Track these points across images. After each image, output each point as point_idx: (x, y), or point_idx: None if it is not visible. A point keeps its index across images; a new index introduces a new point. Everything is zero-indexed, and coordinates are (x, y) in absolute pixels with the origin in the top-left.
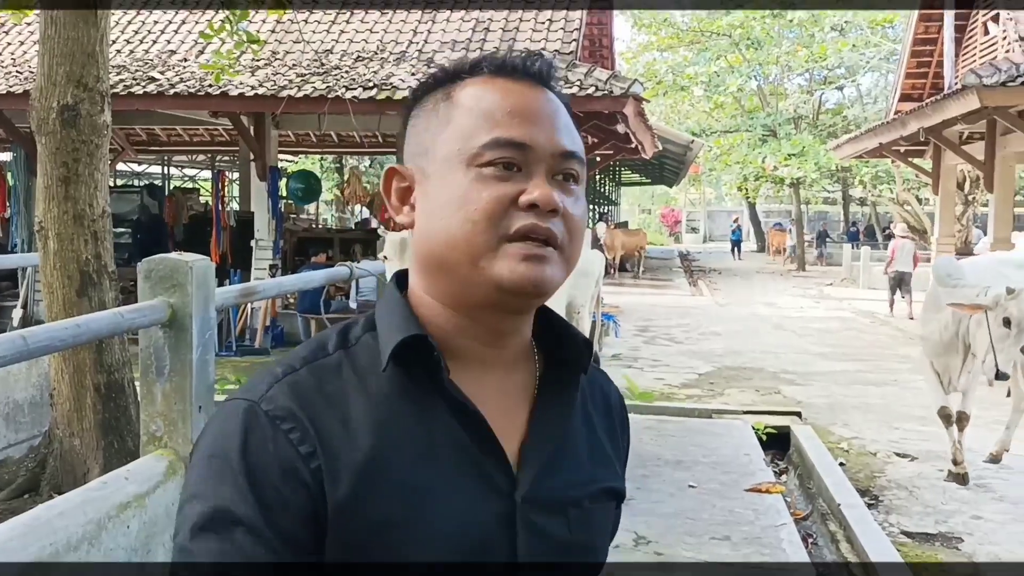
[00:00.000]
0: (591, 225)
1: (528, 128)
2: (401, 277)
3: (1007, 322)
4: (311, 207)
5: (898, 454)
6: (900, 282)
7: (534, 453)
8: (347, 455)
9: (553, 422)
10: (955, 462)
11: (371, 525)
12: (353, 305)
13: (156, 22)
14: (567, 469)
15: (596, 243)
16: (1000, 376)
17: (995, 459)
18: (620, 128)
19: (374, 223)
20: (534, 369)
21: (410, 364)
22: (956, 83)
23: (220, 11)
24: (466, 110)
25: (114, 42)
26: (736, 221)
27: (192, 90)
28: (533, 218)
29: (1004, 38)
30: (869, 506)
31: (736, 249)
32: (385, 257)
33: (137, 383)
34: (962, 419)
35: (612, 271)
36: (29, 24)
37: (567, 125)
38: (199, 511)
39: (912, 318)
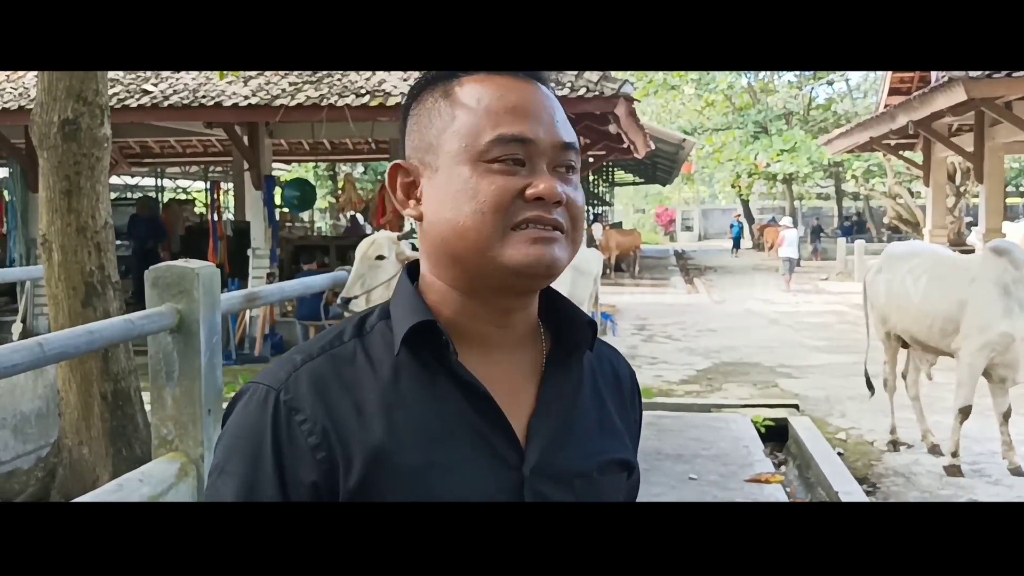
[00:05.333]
0: (587, 225)
1: (529, 123)
2: (412, 268)
3: None
4: (306, 215)
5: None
6: (789, 263)
7: (541, 428)
8: (361, 441)
9: (559, 398)
10: (954, 454)
11: (384, 499)
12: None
13: None
14: (574, 442)
15: (592, 244)
16: None
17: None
18: (612, 128)
19: (368, 228)
20: (541, 349)
21: (420, 348)
22: (943, 76)
23: None
24: (468, 108)
25: None
26: (737, 217)
27: (186, 101)
28: (539, 210)
29: None
30: (867, 494)
31: (736, 245)
32: (381, 256)
33: (143, 392)
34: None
35: (608, 271)
36: None
37: (563, 118)
38: (232, 488)
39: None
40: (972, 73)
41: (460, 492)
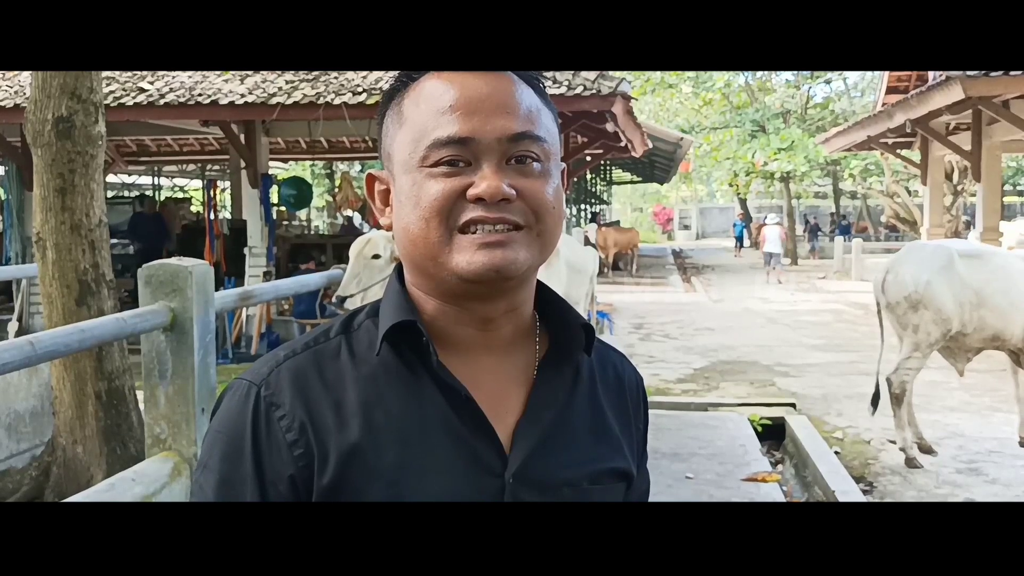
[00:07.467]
0: (582, 226)
1: (470, 120)
2: (402, 267)
3: None
4: (302, 213)
5: (892, 441)
6: (770, 258)
7: (526, 434)
8: (336, 438)
9: (550, 404)
10: None
11: (358, 499)
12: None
13: None
14: (563, 449)
15: (587, 243)
16: None
17: None
18: (609, 127)
19: (365, 227)
20: (534, 351)
21: (403, 348)
22: (940, 74)
23: None
24: (412, 113)
25: None
26: (740, 217)
27: (182, 99)
28: (481, 210)
29: None
30: (864, 492)
31: (740, 244)
32: (376, 255)
33: (137, 391)
34: None
35: (606, 270)
36: None
37: (521, 104)
38: (213, 483)
39: (780, 281)
40: (969, 72)
41: (437, 495)
